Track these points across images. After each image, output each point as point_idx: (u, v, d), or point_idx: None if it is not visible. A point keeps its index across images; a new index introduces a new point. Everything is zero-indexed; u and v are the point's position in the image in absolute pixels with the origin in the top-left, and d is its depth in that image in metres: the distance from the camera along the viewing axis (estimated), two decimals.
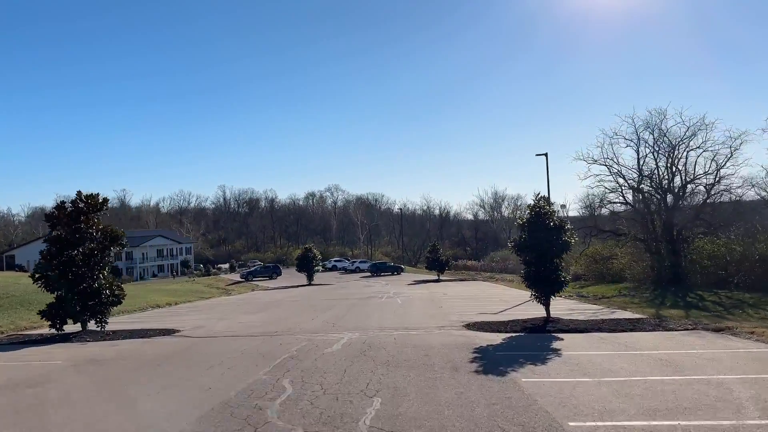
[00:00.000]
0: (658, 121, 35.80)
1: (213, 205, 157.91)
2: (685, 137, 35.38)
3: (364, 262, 77.41)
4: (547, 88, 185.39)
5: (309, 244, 56.79)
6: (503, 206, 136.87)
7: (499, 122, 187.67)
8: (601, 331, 17.28)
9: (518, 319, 19.92)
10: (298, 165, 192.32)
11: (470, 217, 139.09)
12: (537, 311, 22.28)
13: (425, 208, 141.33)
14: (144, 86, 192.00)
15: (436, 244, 58.89)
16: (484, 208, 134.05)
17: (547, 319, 19.01)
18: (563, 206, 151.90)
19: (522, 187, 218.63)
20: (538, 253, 18.32)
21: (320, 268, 57.19)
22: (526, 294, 39.22)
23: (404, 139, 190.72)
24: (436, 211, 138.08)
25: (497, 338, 16.35)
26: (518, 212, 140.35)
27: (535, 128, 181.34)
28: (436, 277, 58.49)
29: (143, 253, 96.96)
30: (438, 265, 57.58)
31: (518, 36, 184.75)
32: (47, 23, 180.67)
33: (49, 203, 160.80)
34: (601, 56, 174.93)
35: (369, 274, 69.68)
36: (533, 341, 15.87)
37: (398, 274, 69.51)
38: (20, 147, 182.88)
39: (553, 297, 19.31)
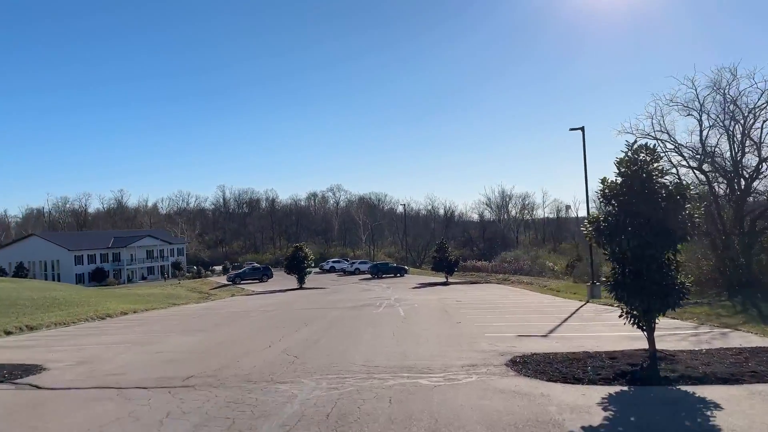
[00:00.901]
0: (726, 83, 27.70)
1: (213, 206, 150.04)
2: (759, 105, 27.31)
3: (365, 262, 69.19)
4: (552, 88, 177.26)
5: (300, 243, 48.74)
6: (510, 205, 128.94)
7: (503, 123, 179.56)
8: (764, 381, 9.24)
9: (595, 352, 11.82)
10: (300, 166, 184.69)
11: (476, 217, 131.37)
12: (605, 332, 14.31)
13: (430, 207, 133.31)
14: (144, 88, 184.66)
15: (443, 243, 50.79)
16: (491, 207, 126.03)
17: (655, 356, 10.86)
18: (568, 207, 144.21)
19: (529, 186, 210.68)
20: (638, 240, 10.23)
21: (312, 269, 49.18)
22: (559, 301, 31.14)
23: (408, 140, 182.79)
24: (441, 211, 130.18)
25: (587, 401, 8.28)
26: (525, 211, 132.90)
27: (540, 129, 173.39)
28: (443, 280, 50.38)
29: (131, 255, 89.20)
30: (446, 266, 49.49)
31: (523, 37, 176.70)
32: (45, 23, 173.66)
33: (46, 204, 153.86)
34: (607, 55, 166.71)
35: (369, 276, 61.63)
36: (669, 414, 7.76)
37: (401, 276, 61.43)
38: (19, 148, 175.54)
39: (659, 318, 11.12)
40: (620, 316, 11.26)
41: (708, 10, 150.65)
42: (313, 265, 48.94)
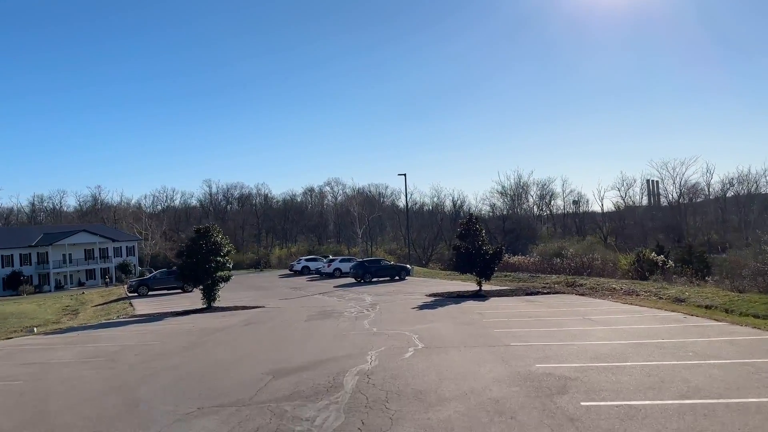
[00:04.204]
0: None
1: (198, 203, 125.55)
2: None
3: (348, 260, 43.95)
4: (562, 81, 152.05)
5: (207, 225, 24.08)
6: (528, 194, 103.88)
7: (510, 119, 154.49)
8: None
9: None
10: (299, 161, 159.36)
11: (487, 209, 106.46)
12: None
13: (435, 199, 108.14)
14: (135, 89, 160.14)
15: (473, 220, 26.06)
16: (507, 196, 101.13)
17: None
18: (575, 202, 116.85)
19: (547, 173, 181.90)
20: None
21: (230, 273, 24.41)
22: None
23: (412, 134, 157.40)
24: (448, 202, 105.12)
25: None
26: (544, 201, 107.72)
27: (548, 125, 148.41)
28: (474, 288, 25.79)
29: (64, 255, 64.91)
30: (479, 264, 24.86)
31: (528, 30, 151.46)
32: (22, 29, 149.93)
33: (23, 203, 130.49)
34: (612, 49, 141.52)
35: (353, 279, 37.01)
36: None
37: (401, 279, 36.89)
38: (19, 146, 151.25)
39: None
40: None
41: (711, 4, 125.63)
42: (230, 265, 24.26)
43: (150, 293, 34.96)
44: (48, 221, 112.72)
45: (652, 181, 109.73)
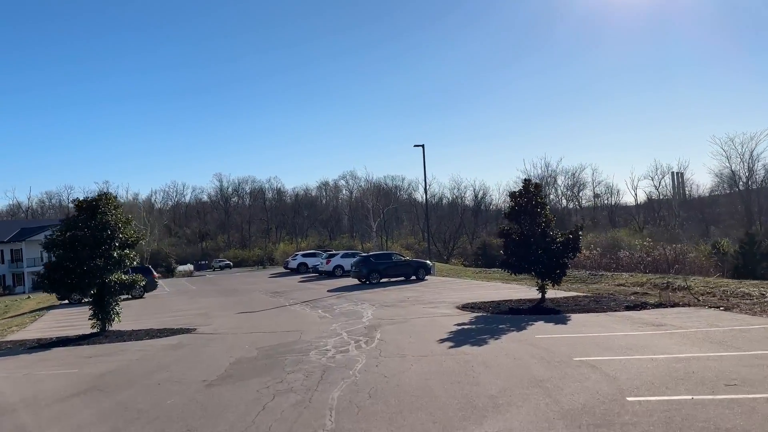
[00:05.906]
0: None
1: (207, 197, 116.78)
2: None
3: (351, 255, 33.29)
4: (568, 79, 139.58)
5: (96, 196, 14.56)
6: (557, 183, 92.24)
7: (533, 108, 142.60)
8: None
9: None
10: (314, 155, 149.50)
11: (509, 202, 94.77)
12: None
13: (455, 191, 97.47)
14: (152, 82, 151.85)
15: (532, 188, 16.07)
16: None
17: None
18: (597, 195, 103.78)
19: (577, 161, 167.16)
20: None
21: (135, 277, 14.61)
22: None
23: (431, 127, 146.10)
24: (469, 194, 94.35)
25: None
26: (573, 191, 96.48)
27: (576, 114, 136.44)
28: (533, 295, 15.71)
29: (42, 253, 56.05)
30: (542, 259, 14.57)
31: (540, 24, 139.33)
32: (24, 24, 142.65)
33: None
34: (641, 35, 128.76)
35: (357, 280, 27.16)
36: None
37: (420, 279, 27.09)
38: (27, 142, 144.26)
39: None
40: None
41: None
42: (135, 263, 14.44)
43: (83, 301, 25.53)
44: (55, 218, 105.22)
45: (679, 173, 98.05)
